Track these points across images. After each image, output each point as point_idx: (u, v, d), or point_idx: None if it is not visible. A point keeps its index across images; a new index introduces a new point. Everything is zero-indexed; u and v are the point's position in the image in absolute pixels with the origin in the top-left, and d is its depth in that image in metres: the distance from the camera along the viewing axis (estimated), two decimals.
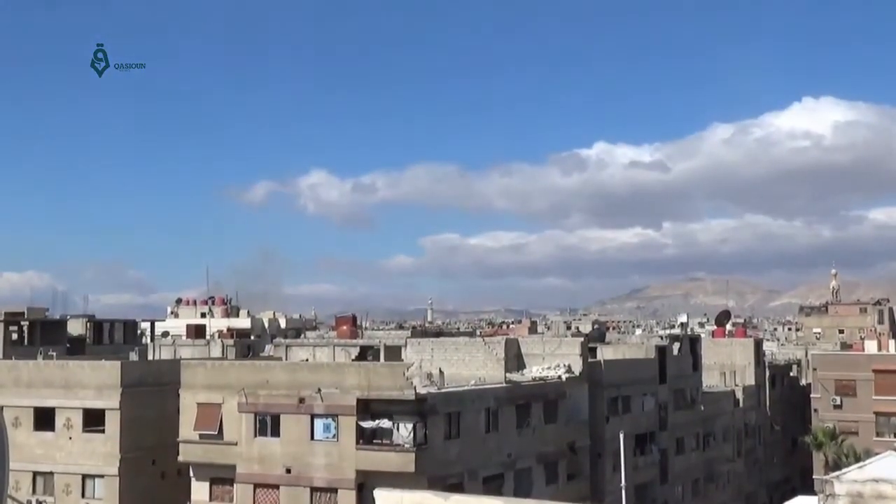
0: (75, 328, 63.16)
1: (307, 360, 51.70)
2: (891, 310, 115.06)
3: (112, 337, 64.54)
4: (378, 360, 50.37)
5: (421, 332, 64.76)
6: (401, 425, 35.38)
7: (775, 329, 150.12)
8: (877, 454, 25.48)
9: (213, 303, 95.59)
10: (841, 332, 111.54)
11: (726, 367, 71.34)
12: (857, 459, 49.91)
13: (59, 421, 41.47)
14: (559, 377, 45.28)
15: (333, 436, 36.36)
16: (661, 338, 61.52)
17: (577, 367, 46.66)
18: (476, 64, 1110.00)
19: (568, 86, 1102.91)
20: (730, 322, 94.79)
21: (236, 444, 38.06)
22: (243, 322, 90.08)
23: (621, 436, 44.08)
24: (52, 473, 41.42)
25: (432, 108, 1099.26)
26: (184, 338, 75.07)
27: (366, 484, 34.84)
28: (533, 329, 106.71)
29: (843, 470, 23.49)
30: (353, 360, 51.39)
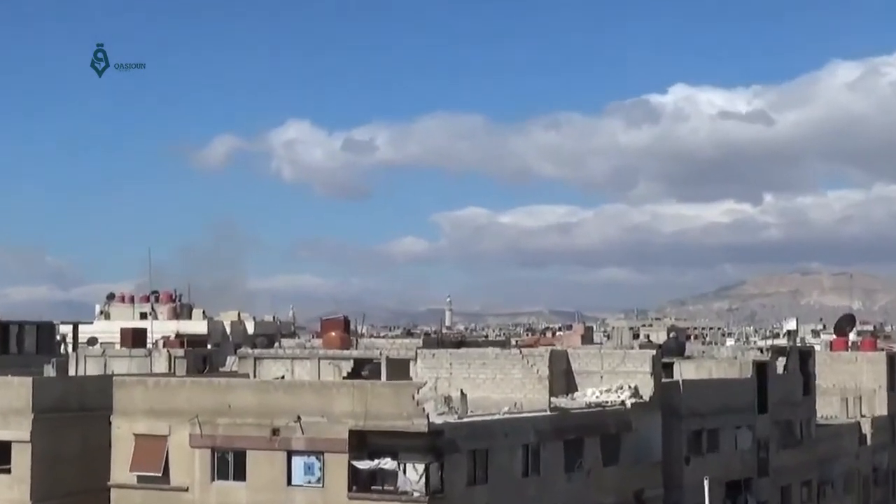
0: None
1: (283, 377, 51.65)
2: None
3: (21, 344, 64.68)
4: (378, 378, 50.31)
5: (436, 342, 64.73)
6: (408, 466, 35.41)
7: None
8: None
9: (156, 299, 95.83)
10: None
11: (849, 390, 70.94)
12: None
13: None
14: (622, 403, 45.21)
15: (318, 479, 36.43)
16: (761, 351, 61.25)
17: (647, 390, 46.55)
18: None
19: (634, 7, 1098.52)
20: (854, 330, 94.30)
21: (187, 489, 38.11)
22: (197, 325, 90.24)
23: (706, 483, 43.97)
24: None
25: (449, 38, 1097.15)
26: (117, 346, 75.17)
27: None
28: (588, 338, 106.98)
29: None
30: (344, 377, 51.33)
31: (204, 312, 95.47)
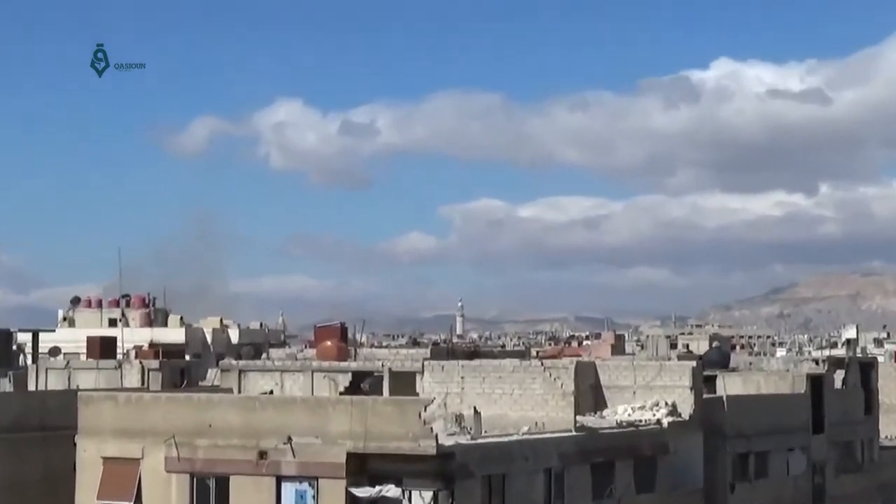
0: None
1: (271, 392, 51.71)
2: None
3: None
4: (380, 393, 50.36)
5: (446, 352, 64.79)
6: (414, 494, 35.43)
7: None
8: None
9: (127, 303, 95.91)
10: None
11: None
12: None
13: None
14: (658, 422, 45.22)
15: None
16: (817, 362, 61.14)
17: (687, 408, 46.56)
18: None
19: None
20: None
21: None
22: (174, 334, 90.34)
23: None
24: None
25: (461, 7, 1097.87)
26: (83, 357, 75.31)
27: None
28: (619, 348, 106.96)
29: None
30: (341, 392, 51.38)
31: (182, 319, 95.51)
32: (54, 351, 78.55)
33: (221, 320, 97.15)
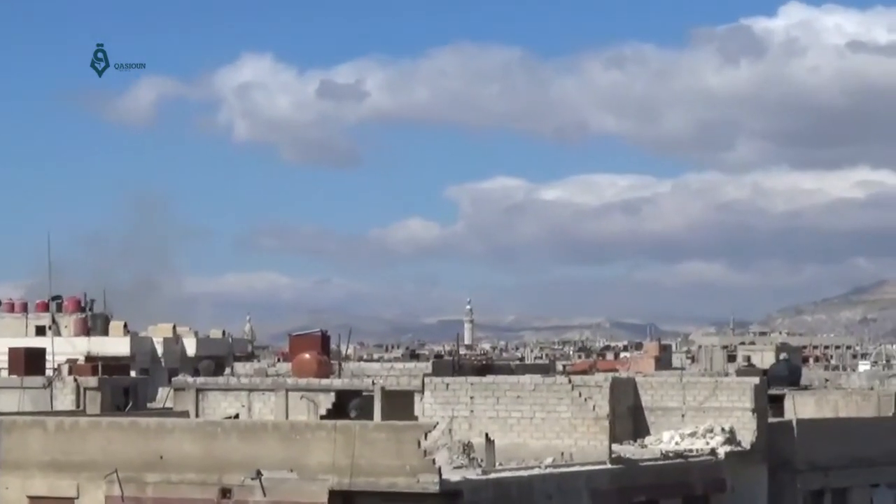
0: None
1: (236, 416, 51.88)
2: None
3: None
4: (370, 417, 50.52)
5: (451, 366, 64.88)
6: None
7: None
8: None
9: (59, 307, 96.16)
10: None
11: None
12: None
13: None
14: (713, 452, 45.43)
15: None
16: None
17: (748, 434, 46.81)
18: None
19: None
20: None
21: None
22: (117, 344, 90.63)
23: None
24: None
25: None
26: (4, 373, 75.57)
27: None
28: (664, 361, 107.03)
29: None
30: (323, 416, 51.53)
31: (126, 326, 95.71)
32: None
33: (175, 328, 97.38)
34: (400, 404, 51.38)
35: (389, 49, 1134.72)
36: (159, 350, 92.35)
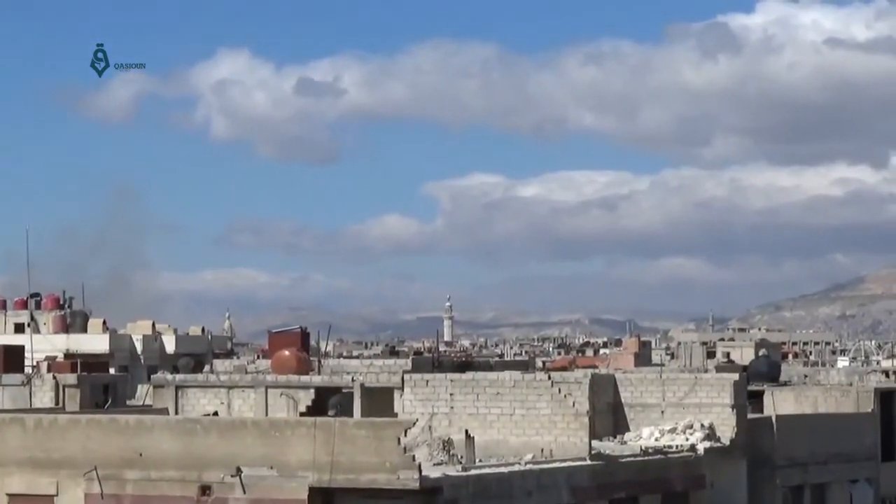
0: None
1: (216, 413, 51.78)
2: None
3: None
4: (350, 414, 50.46)
5: (431, 363, 64.79)
6: None
7: None
8: None
9: (37, 304, 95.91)
10: None
11: None
12: None
13: None
14: (692, 449, 45.48)
15: None
16: (887, 374, 61.46)
17: (728, 431, 46.83)
18: None
19: None
20: None
21: None
22: (95, 341, 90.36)
23: None
24: None
25: None
26: None
27: None
28: (643, 356, 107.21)
29: None
30: (302, 413, 51.47)
31: (104, 323, 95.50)
32: None
33: (154, 325, 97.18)
34: (380, 401, 51.35)
35: (367, 45, 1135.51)
36: (138, 347, 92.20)
